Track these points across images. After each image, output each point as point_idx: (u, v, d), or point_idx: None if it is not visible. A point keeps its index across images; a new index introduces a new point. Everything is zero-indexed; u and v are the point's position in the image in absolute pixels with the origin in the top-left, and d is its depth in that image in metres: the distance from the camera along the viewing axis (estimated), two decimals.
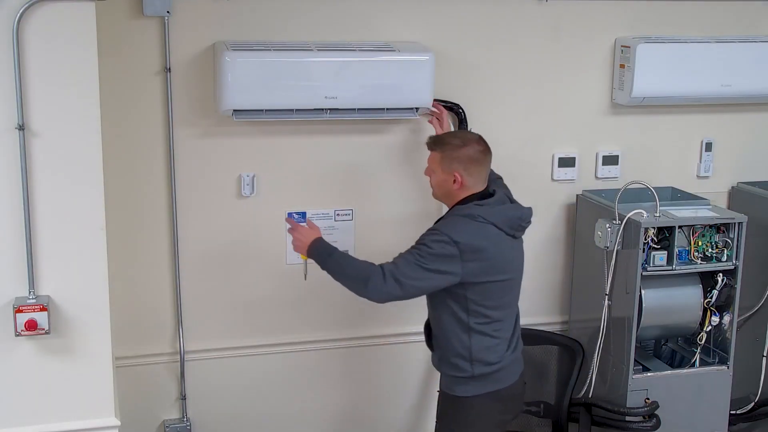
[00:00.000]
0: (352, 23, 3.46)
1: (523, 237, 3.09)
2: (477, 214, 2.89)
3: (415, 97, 3.37)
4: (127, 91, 3.29)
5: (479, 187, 2.99)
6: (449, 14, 3.57)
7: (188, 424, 3.63)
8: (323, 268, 2.97)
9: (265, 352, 3.67)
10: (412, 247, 2.90)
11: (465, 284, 2.87)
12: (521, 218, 3.00)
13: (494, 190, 3.02)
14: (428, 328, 3.11)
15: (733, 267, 3.57)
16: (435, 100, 3.48)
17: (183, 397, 3.60)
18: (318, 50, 3.28)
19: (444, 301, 2.94)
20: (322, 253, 2.97)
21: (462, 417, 3.00)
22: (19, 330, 2.58)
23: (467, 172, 2.96)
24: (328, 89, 3.27)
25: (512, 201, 3.10)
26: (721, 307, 3.64)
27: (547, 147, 3.82)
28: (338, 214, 3.63)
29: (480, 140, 3.03)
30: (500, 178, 3.27)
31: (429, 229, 2.95)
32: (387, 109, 3.39)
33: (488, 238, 2.88)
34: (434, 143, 3.04)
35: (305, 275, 3.15)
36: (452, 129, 3.55)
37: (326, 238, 3.63)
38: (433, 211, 3.61)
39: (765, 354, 3.90)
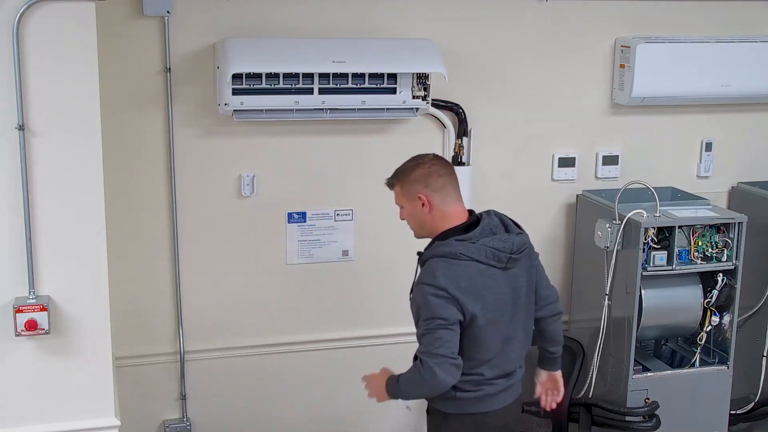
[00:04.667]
0: (353, 23, 3.46)
1: (524, 261, 2.82)
2: (458, 252, 2.66)
3: (422, 64, 3.34)
4: (127, 91, 3.29)
5: (451, 207, 2.75)
6: (449, 14, 3.57)
7: (188, 424, 3.63)
8: (403, 398, 2.85)
9: (265, 352, 3.67)
10: (416, 321, 2.73)
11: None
12: (511, 250, 2.72)
13: (480, 215, 2.79)
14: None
15: (733, 267, 3.57)
16: (434, 100, 3.49)
17: (183, 397, 3.60)
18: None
19: None
20: (393, 391, 2.79)
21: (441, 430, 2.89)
22: (19, 330, 2.58)
23: (429, 188, 2.72)
24: (335, 53, 3.26)
25: (507, 227, 2.82)
26: (721, 307, 3.64)
27: (547, 147, 3.82)
28: (338, 214, 3.63)
29: (435, 157, 2.82)
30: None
31: (415, 283, 2.74)
32: (387, 109, 3.40)
33: (469, 274, 2.66)
34: (391, 179, 2.84)
35: (407, 407, 3.08)
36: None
37: (326, 238, 3.65)
38: None
39: (765, 354, 3.91)
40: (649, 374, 3.63)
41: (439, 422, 2.88)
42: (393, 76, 3.35)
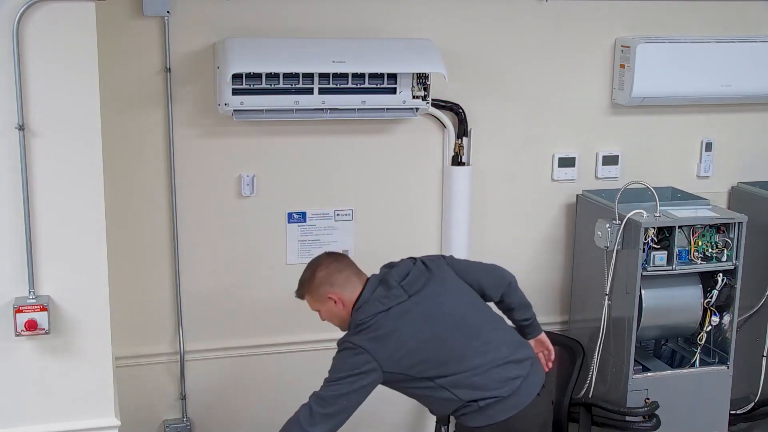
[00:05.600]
0: (353, 23, 3.46)
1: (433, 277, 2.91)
2: (361, 320, 2.80)
3: (422, 64, 3.35)
4: (127, 91, 3.29)
5: (357, 289, 2.88)
6: (449, 14, 3.57)
7: (188, 424, 3.63)
8: None
9: (265, 352, 3.67)
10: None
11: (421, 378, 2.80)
12: (399, 282, 2.86)
13: (367, 279, 2.91)
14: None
15: (733, 267, 3.57)
16: (434, 100, 3.49)
17: (183, 397, 3.60)
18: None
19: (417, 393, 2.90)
20: None
21: None
22: (19, 330, 2.58)
23: (336, 286, 2.88)
24: (335, 53, 3.27)
25: (392, 265, 2.97)
26: (721, 307, 3.63)
27: (547, 147, 3.82)
28: (338, 214, 3.63)
29: (328, 255, 2.99)
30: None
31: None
32: (387, 109, 3.40)
33: (383, 326, 2.78)
34: (299, 291, 2.98)
35: None
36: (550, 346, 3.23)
37: (326, 238, 3.65)
38: (433, 210, 3.62)
39: (765, 354, 3.90)
40: (649, 374, 3.63)
41: None
42: (393, 76, 3.35)
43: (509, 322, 3.10)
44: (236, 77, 3.17)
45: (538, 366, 2.97)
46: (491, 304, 3.06)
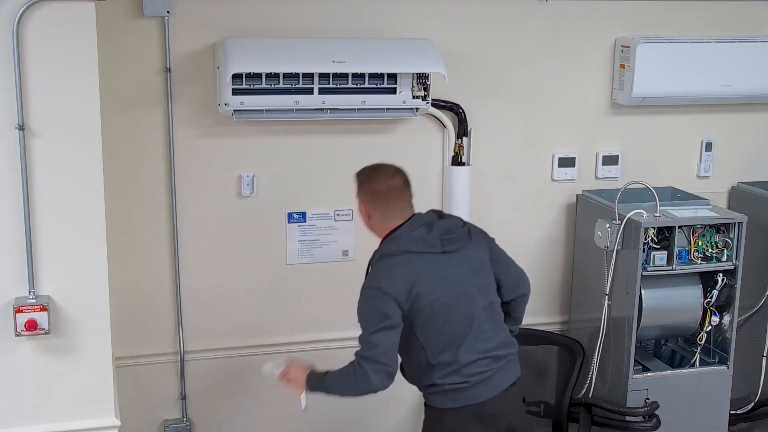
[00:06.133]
0: (353, 23, 3.46)
1: (471, 245, 2.90)
2: (388, 250, 2.82)
3: (422, 64, 3.35)
4: (127, 91, 3.29)
5: (395, 221, 2.87)
6: (449, 14, 3.57)
7: (188, 424, 3.63)
8: (325, 392, 2.92)
9: (265, 352, 3.66)
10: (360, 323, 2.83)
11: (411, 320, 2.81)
12: (441, 234, 2.84)
13: (413, 215, 2.90)
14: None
15: (733, 267, 3.57)
16: (434, 100, 3.49)
17: (183, 397, 3.60)
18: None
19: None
20: (315, 385, 2.92)
21: (435, 428, 2.94)
22: (19, 330, 2.58)
23: (373, 206, 2.89)
24: (335, 53, 3.27)
25: (442, 216, 2.95)
26: (721, 307, 3.63)
27: (547, 147, 3.82)
28: (338, 214, 3.63)
29: (392, 175, 2.93)
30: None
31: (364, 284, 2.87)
32: (387, 109, 3.40)
33: (406, 267, 2.78)
34: (358, 175, 2.98)
35: (304, 408, 3.03)
36: None
37: (326, 238, 3.64)
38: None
39: (765, 354, 3.90)
40: (649, 374, 3.63)
41: (438, 415, 2.92)
42: (393, 76, 3.35)
43: None
44: (236, 77, 3.17)
45: (515, 364, 2.97)
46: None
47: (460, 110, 3.62)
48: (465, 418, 2.86)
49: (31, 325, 2.58)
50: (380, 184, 2.90)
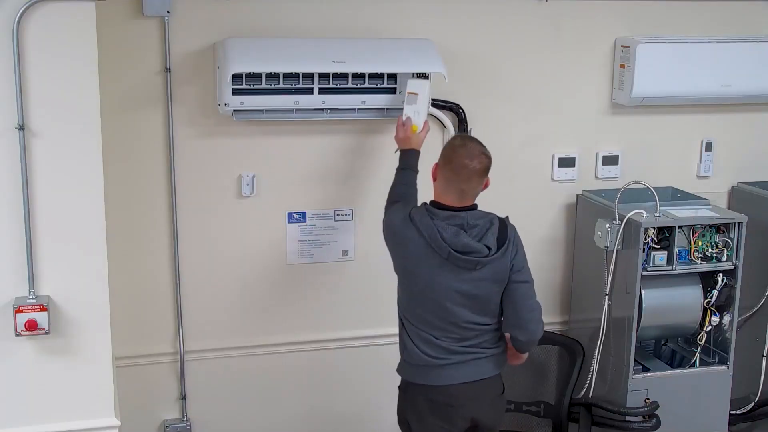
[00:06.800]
0: (353, 23, 3.46)
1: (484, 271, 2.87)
2: (412, 214, 2.90)
3: (422, 64, 3.35)
4: (127, 91, 3.29)
5: (449, 199, 2.90)
6: (449, 14, 3.57)
7: (188, 424, 3.63)
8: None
9: (265, 352, 3.67)
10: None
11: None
12: (456, 247, 2.81)
13: (459, 210, 2.88)
14: None
15: (733, 267, 3.57)
16: (434, 100, 3.49)
17: (183, 397, 3.60)
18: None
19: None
20: (401, 160, 3.19)
21: (399, 401, 3.08)
22: (19, 330, 2.58)
23: (441, 173, 2.91)
24: (335, 53, 3.27)
25: (483, 236, 2.87)
26: (721, 307, 3.64)
27: (547, 147, 3.82)
28: (338, 214, 3.63)
29: (475, 156, 2.89)
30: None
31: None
32: (387, 109, 3.40)
33: (406, 227, 2.89)
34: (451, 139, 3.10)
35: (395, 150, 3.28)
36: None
37: (326, 238, 3.64)
38: None
39: (765, 354, 3.90)
40: (649, 374, 3.63)
41: (400, 395, 3.07)
42: (393, 76, 3.35)
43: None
44: (236, 77, 3.17)
45: (485, 363, 2.96)
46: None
47: (460, 110, 3.62)
48: (419, 396, 2.96)
49: (31, 325, 2.58)
50: (459, 157, 2.88)
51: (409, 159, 3.19)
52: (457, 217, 2.88)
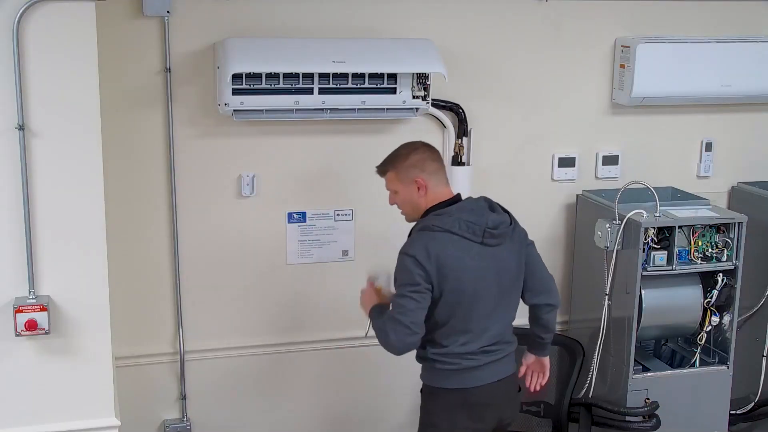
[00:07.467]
0: (353, 23, 3.46)
1: (510, 242, 2.91)
2: (432, 224, 2.83)
3: (422, 64, 3.35)
4: (127, 91, 3.29)
5: (442, 188, 2.92)
6: (449, 14, 3.57)
7: (188, 424, 3.63)
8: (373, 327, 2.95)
9: (265, 352, 3.67)
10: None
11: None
12: (487, 225, 2.85)
13: (458, 195, 2.93)
14: None
15: (733, 267, 3.57)
16: (434, 100, 3.49)
17: (183, 397, 3.60)
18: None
19: None
20: (373, 317, 2.95)
21: (427, 405, 3.00)
22: (19, 330, 2.58)
23: (426, 172, 2.89)
24: (335, 53, 3.27)
25: (493, 209, 2.93)
26: (721, 307, 3.64)
27: (547, 147, 3.82)
28: (338, 214, 3.63)
29: (424, 144, 2.98)
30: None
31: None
32: (387, 109, 3.40)
33: (443, 245, 2.80)
34: (383, 166, 2.98)
35: (365, 334, 3.06)
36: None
37: (326, 238, 3.65)
38: None
39: (765, 354, 3.91)
40: (649, 374, 3.63)
41: (426, 397, 3.00)
42: (393, 76, 3.35)
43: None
44: (236, 77, 3.17)
45: (509, 360, 2.99)
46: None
47: (460, 110, 3.62)
48: (453, 401, 2.92)
49: (31, 325, 2.58)
50: (426, 152, 2.93)
51: (377, 313, 2.96)
52: (463, 202, 2.93)
